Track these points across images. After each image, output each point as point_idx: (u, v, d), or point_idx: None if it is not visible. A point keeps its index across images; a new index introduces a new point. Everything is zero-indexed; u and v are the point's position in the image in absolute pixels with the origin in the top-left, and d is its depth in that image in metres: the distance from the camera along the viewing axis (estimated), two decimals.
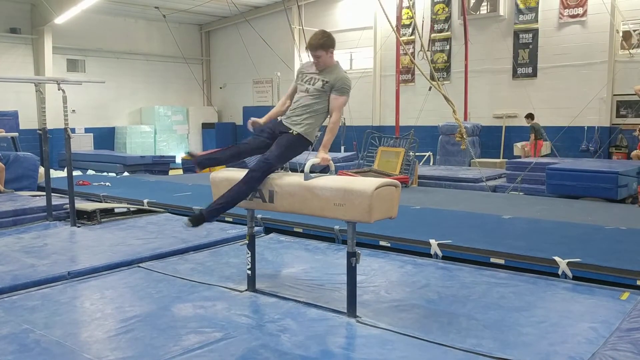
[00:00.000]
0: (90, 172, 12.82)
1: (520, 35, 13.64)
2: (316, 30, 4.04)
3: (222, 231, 5.94)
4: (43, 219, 6.60)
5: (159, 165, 14.03)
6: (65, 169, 6.80)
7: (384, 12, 10.23)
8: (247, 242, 4.04)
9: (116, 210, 6.93)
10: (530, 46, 13.53)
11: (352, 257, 3.47)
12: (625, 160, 11.38)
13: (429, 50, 14.26)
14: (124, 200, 7.90)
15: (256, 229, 4.87)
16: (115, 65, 17.37)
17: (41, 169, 9.45)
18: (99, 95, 16.55)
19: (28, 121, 14.42)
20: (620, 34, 12.20)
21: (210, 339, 3.21)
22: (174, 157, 15.68)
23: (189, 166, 14.53)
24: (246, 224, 4.14)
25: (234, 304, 3.80)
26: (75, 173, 10.12)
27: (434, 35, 14.90)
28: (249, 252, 4.01)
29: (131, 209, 7.07)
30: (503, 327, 3.37)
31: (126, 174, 12.93)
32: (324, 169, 4.17)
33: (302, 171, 3.67)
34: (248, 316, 3.60)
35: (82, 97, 15.30)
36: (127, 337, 3.26)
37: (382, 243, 5.37)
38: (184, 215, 6.97)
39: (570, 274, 4.33)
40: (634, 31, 11.98)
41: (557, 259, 4.42)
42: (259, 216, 6.18)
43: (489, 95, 14.13)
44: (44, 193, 6.87)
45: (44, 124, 6.46)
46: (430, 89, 11.09)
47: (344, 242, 4.95)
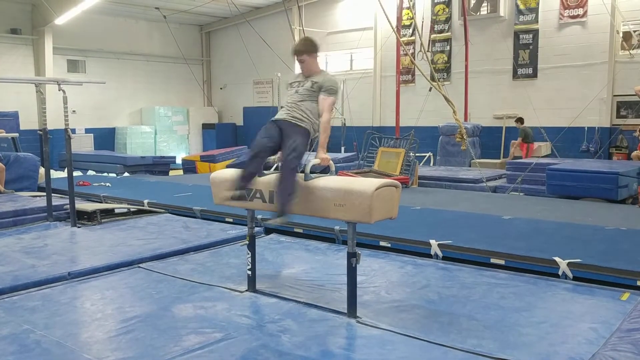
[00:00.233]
0: (91, 172, 12.83)
1: (521, 36, 13.64)
2: (301, 37, 4.06)
3: (222, 232, 5.94)
4: (43, 219, 6.60)
5: (159, 165, 14.06)
6: (66, 170, 6.80)
7: (384, 12, 10.24)
8: (247, 242, 4.04)
9: (116, 211, 6.94)
10: (531, 47, 13.53)
11: (352, 257, 3.48)
12: (626, 160, 11.38)
13: (429, 51, 14.25)
14: (124, 201, 7.91)
15: (256, 229, 4.88)
16: (115, 65, 17.39)
17: (41, 170, 9.46)
18: (99, 96, 16.56)
19: (28, 122, 14.43)
20: (621, 34, 12.20)
21: (210, 339, 3.21)
22: (174, 157, 15.70)
23: (189, 167, 14.56)
24: (246, 225, 4.14)
25: (235, 304, 3.80)
26: (76, 173, 10.14)
27: (434, 35, 14.90)
28: (249, 253, 4.02)
29: (131, 209, 7.07)
30: (503, 327, 3.37)
31: (126, 174, 12.94)
32: (324, 170, 4.17)
33: (303, 172, 3.67)
34: (248, 317, 3.60)
35: (83, 97, 15.30)
36: (127, 337, 3.26)
37: (382, 243, 5.37)
38: (184, 215, 6.98)
39: (570, 275, 4.33)
40: (634, 32, 11.98)
41: (557, 259, 4.42)
42: (259, 217, 6.18)
43: (489, 96, 14.13)
44: (44, 193, 6.87)
45: (44, 124, 6.47)
46: (430, 89, 11.10)
47: (344, 242, 4.95)
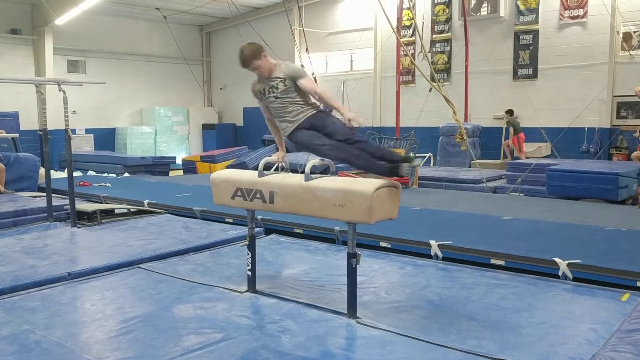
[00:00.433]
0: (91, 173, 12.85)
1: (521, 37, 13.64)
2: (240, 46, 3.89)
3: (222, 232, 5.95)
4: (43, 219, 6.60)
5: (160, 166, 14.08)
6: (66, 170, 6.80)
7: (385, 13, 10.24)
8: (247, 243, 4.04)
9: (116, 211, 6.94)
10: (531, 47, 13.53)
11: (352, 258, 3.47)
12: (626, 161, 11.38)
13: (429, 52, 14.27)
14: (125, 201, 7.91)
15: (256, 230, 4.88)
16: (115, 66, 17.39)
17: (42, 170, 9.46)
18: (99, 96, 16.56)
19: (28, 122, 14.44)
20: (621, 35, 12.19)
21: (210, 339, 3.21)
22: (174, 158, 15.71)
23: (189, 167, 14.57)
24: (246, 225, 4.14)
25: (234, 304, 3.80)
26: (76, 174, 10.15)
27: (434, 36, 14.91)
28: (249, 253, 4.02)
29: (131, 209, 7.07)
30: (503, 328, 3.37)
31: (126, 174, 12.95)
32: (324, 170, 4.17)
33: (303, 172, 3.67)
34: (248, 317, 3.60)
35: (83, 98, 15.30)
36: (127, 337, 3.26)
37: (382, 244, 5.37)
38: (184, 216, 6.99)
39: (570, 275, 4.33)
40: (634, 32, 11.98)
41: (557, 260, 4.42)
42: (259, 217, 6.18)
43: (489, 97, 14.13)
44: (44, 194, 6.87)
45: (44, 124, 6.47)
46: (430, 90, 11.10)
47: (344, 243, 4.95)
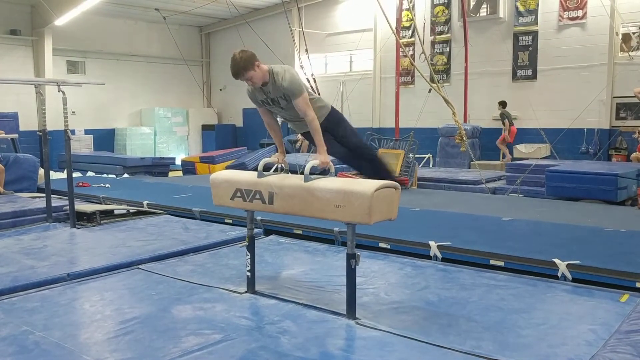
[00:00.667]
0: (90, 173, 12.83)
1: (520, 38, 13.65)
2: (231, 56, 3.80)
3: (221, 233, 5.94)
4: (43, 220, 6.59)
5: (159, 166, 14.08)
6: (65, 171, 6.80)
7: (384, 14, 10.25)
8: (246, 243, 4.04)
9: (116, 212, 6.94)
10: (530, 48, 13.54)
11: (351, 258, 3.47)
12: (625, 162, 11.38)
13: (429, 53, 14.27)
14: (124, 202, 7.91)
15: (256, 230, 4.87)
16: (115, 66, 17.39)
17: (41, 171, 9.45)
18: (99, 97, 16.56)
19: (28, 123, 14.42)
20: (620, 36, 12.20)
21: (209, 340, 3.20)
22: (173, 158, 15.70)
23: (188, 168, 14.56)
24: (246, 226, 4.13)
25: (234, 305, 3.80)
26: (75, 174, 10.14)
27: (434, 37, 14.92)
28: (249, 254, 4.01)
29: (131, 210, 7.07)
30: (503, 329, 3.37)
31: (126, 175, 12.94)
32: (323, 171, 4.17)
33: (302, 173, 3.67)
34: (247, 318, 3.60)
35: (82, 98, 15.30)
36: (126, 338, 3.26)
37: (381, 245, 5.37)
38: (183, 217, 6.99)
39: (569, 276, 4.33)
40: (634, 33, 12.00)
41: (556, 261, 4.42)
42: (259, 218, 6.18)
43: (488, 98, 14.13)
44: (43, 194, 6.86)
45: (43, 125, 6.46)
46: (430, 91, 11.10)
47: (344, 243, 4.95)
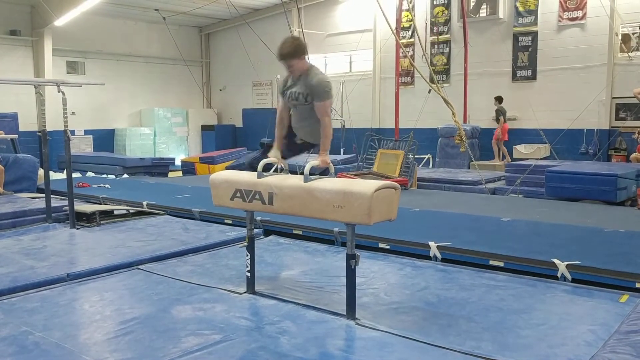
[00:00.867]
0: (90, 174, 12.83)
1: (520, 38, 13.65)
2: (285, 38, 3.90)
3: (221, 233, 5.95)
4: (42, 220, 6.59)
5: (159, 167, 14.08)
6: (65, 171, 6.80)
7: (384, 14, 10.24)
8: (246, 244, 4.04)
9: (115, 212, 6.94)
10: (530, 49, 13.54)
11: (351, 259, 3.47)
12: (625, 162, 11.38)
13: (429, 53, 14.27)
14: (124, 202, 7.91)
15: (255, 231, 4.88)
16: (115, 67, 17.38)
17: (41, 171, 9.44)
18: (98, 97, 16.55)
19: (28, 123, 14.41)
20: (620, 37, 12.21)
21: (209, 341, 3.21)
22: (173, 159, 15.71)
23: (188, 168, 14.55)
24: (245, 226, 4.13)
25: (233, 306, 3.80)
26: (75, 175, 10.14)
27: (433, 37, 14.93)
28: (248, 255, 4.01)
29: (130, 211, 7.07)
30: (502, 329, 3.37)
31: (125, 176, 12.94)
32: (323, 171, 4.17)
33: (302, 173, 3.67)
34: (247, 318, 3.60)
35: (82, 99, 15.29)
36: (126, 339, 3.26)
37: (381, 245, 5.37)
38: (183, 217, 6.99)
39: (569, 277, 4.33)
40: (633, 34, 12.01)
41: (556, 261, 4.42)
42: (259, 218, 6.18)
43: (488, 98, 14.11)
44: (43, 195, 6.86)
45: (43, 125, 6.47)
46: (429, 91, 11.10)
47: (344, 244, 4.96)
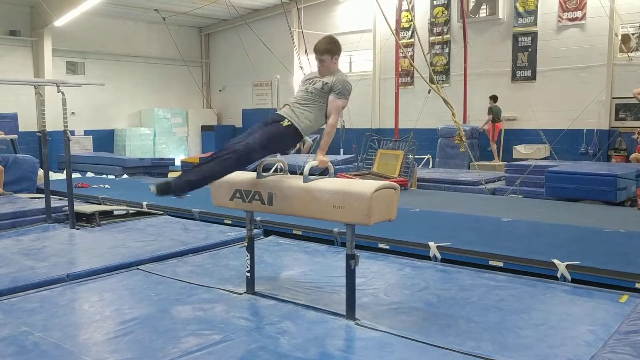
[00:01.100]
0: (90, 174, 12.82)
1: (520, 39, 13.65)
2: (325, 35, 4.07)
3: (221, 234, 5.95)
4: (42, 221, 6.59)
5: (158, 167, 14.07)
6: (65, 171, 6.80)
7: (384, 15, 10.24)
8: (246, 244, 4.04)
9: (115, 213, 6.95)
10: (530, 49, 13.53)
11: (351, 259, 3.47)
12: (624, 163, 11.37)
13: (428, 53, 14.27)
14: (123, 203, 7.92)
15: (255, 231, 4.88)
16: (114, 67, 17.38)
17: (40, 171, 9.43)
18: (98, 98, 16.54)
19: (27, 123, 14.41)
20: (619, 37, 12.21)
21: (209, 341, 3.21)
22: (173, 159, 15.69)
23: (187, 168, 14.53)
24: (245, 227, 4.13)
25: (233, 306, 3.80)
26: (75, 175, 10.13)
27: (433, 38, 14.93)
28: (248, 255, 4.01)
29: (130, 211, 7.08)
30: (502, 329, 3.37)
31: (125, 176, 12.94)
32: (323, 172, 4.17)
33: (301, 173, 3.67)
34: (247, 318, 3.60)
35: (82, 99, 15.28)
36: (126, 339, 3.26)
37: (381, 245, 5.37)
38: (183, 217, 7.00)
39: (569, 277, 4.33)
40: (633, 34, 12.01)
41: (556, 261, 4.42)
42: (258, 219, 6.19)
43: (488, 98, 14.13)
44: (43, 195, 6.86)
45: (43, 126, 6.47)
46: (429, 91, 11.10)
47: (343, 244, 4.96)
